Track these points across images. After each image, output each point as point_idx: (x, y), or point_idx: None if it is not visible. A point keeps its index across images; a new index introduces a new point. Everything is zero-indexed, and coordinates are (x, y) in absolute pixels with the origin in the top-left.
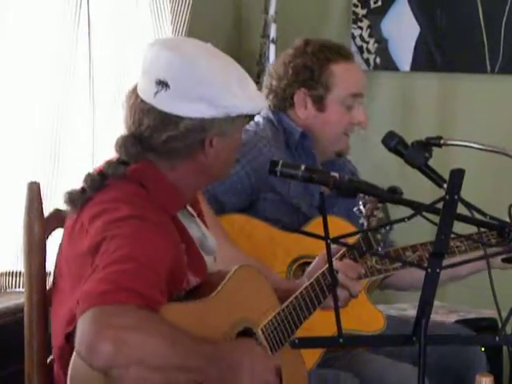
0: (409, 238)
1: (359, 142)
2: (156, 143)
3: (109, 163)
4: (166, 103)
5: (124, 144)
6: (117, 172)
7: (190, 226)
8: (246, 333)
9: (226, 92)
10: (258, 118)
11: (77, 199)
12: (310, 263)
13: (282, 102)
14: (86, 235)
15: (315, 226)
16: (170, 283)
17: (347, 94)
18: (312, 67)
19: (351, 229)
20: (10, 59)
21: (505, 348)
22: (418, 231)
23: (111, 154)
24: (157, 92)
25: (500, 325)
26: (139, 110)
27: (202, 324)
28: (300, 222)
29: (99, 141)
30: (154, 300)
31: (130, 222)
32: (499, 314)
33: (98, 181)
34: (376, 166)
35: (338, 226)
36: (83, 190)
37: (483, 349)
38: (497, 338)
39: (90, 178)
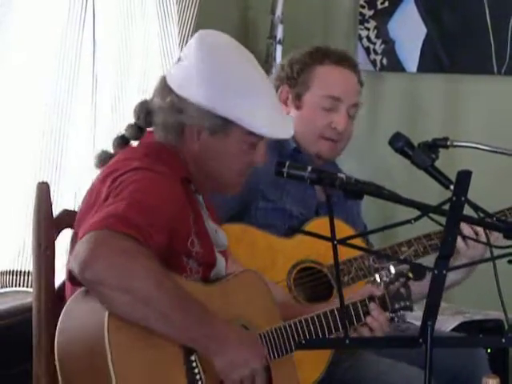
0: None
1: (366, 143)
2: (152, 109)
3: (127, 126)
4: (171, 75)
5: (136, 109)
6: (130, 134)
7: (203, 212)
8: None
9: (225, 90)
10: None
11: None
12: (309, 268)
13: None
14: (95, 192)
15: (311, 228)
16: (174, 236)
17: (324, 95)
18: (296, 65)
19: (351, 231)
20: (14, 61)
21: (511, 349)
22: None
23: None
24: (173, 66)
25: (506, 326)
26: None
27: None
28: (293, 227)
29: (100, 142)
30: (151, 238)
31: (137, 171)
32: (505, 316)
33: (119, 139)
34: (382, 167)
35: (339, 228)
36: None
37: (489, 350)
38: (503, 340)
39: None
